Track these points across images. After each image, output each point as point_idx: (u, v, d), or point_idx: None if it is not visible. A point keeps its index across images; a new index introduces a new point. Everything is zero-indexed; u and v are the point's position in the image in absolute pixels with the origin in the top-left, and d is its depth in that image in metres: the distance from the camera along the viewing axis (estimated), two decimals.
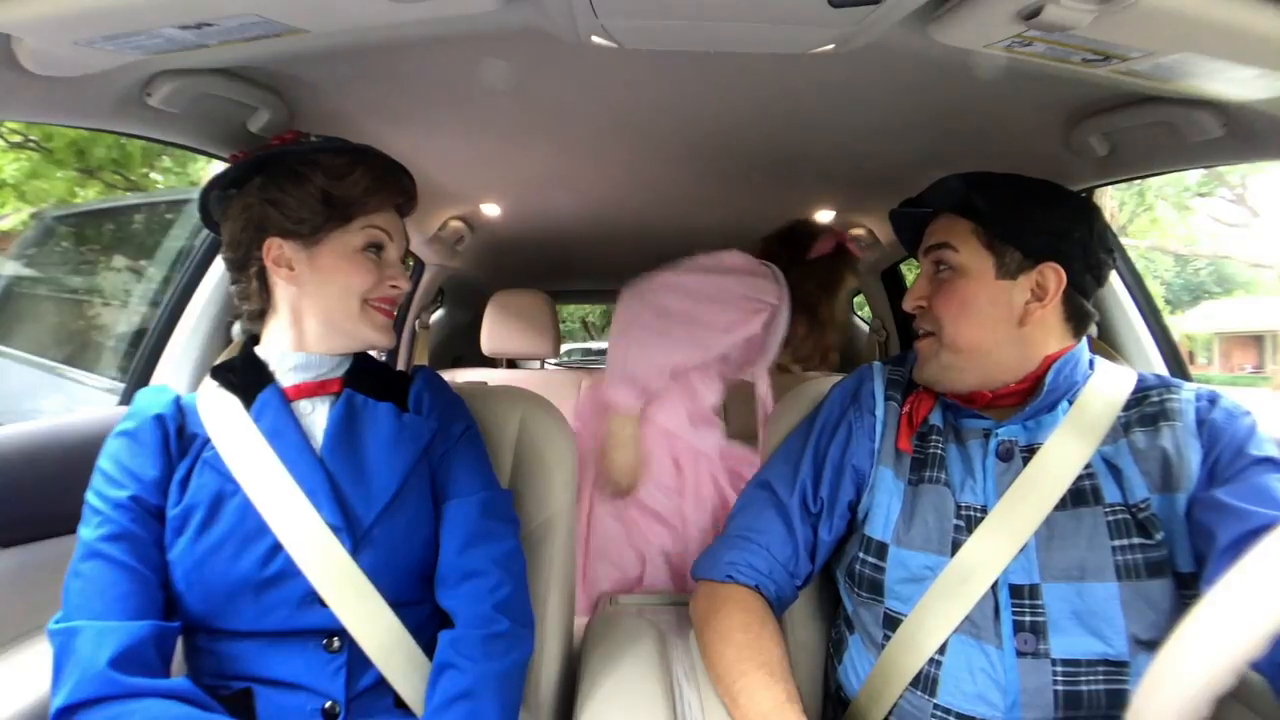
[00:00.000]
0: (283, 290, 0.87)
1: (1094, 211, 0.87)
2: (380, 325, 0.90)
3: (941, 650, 0.79)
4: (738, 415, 2.26)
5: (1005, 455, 0.84)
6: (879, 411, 0.93)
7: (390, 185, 0.90)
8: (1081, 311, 0.86)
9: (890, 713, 0.82)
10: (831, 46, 0.84)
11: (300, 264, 0.86)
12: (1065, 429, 0.82)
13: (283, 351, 0.87)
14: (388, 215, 0.90)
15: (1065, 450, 0.81)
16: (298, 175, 0.85)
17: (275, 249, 0.85)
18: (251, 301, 0.89)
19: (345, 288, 0.87)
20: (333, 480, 0.82)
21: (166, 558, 0.78)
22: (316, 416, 0.87)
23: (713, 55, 0.94)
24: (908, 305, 0.91)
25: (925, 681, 0.80)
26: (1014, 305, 0.83)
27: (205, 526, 0.78)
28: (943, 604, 0.80)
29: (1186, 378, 1.38)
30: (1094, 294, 0.86)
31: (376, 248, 0.89)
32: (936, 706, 0.78)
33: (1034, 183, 0.87)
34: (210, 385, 0.87)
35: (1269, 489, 0.71)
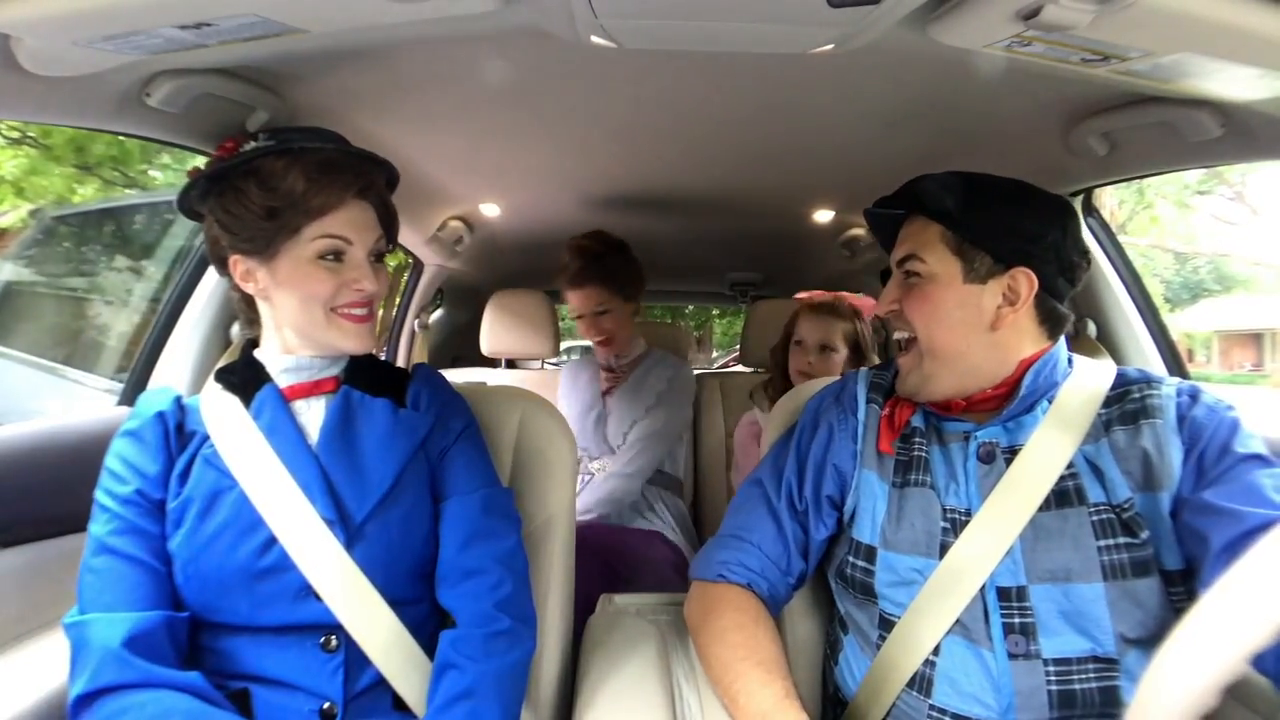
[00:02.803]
0: (259, 302, 0.88)
1: (1067, 213, 0.86)
2: (351, 332, 0.86)
3: (936, 651, 0.79)
4: (737, 415, 2.26)
5: (986, 458, 0.84)
6: (860, 414, 0.93)
7: (334, 180, 0.83)
8: (1055, 314, 0.85)
9: (888, 713, 0.82)
10: (831, 46, 0.84)
11: (263, 278, 0.85)
12: (1045, 428, 0.82)
13: (274, 355, 0.88)
14: (346, 212, 0.84)
15: (1046, 450, 0.81)
16: (237, 191, 0.82)
17: (239, 266, 0.85)
18: (242, 311, 0.91)
19: (306, 299, 0.84)
20: (326, 474, 0.83)
21: (168, 549, 0.79)
22: (313, 414, 0.88)
23: (712, 55, 0.94)
24: (880, 310, 0.90)
25: (920, 682, 0.80)
26: (984, 309, 0.83)
27: (202, 519, 0.79)
28: (934, 606, 0.80)
29: (1185, 377, 1.38)
30: (1068, 295, 0.85)
31: (334, 254, 0.84)
32: (932, 707, 0.78)
33: (1006, 183, 0.86)
34: (214, 387, 0.88)
35: (1258, 487, 0.71)
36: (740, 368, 2.71)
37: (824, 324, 1.64)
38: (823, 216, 2.02)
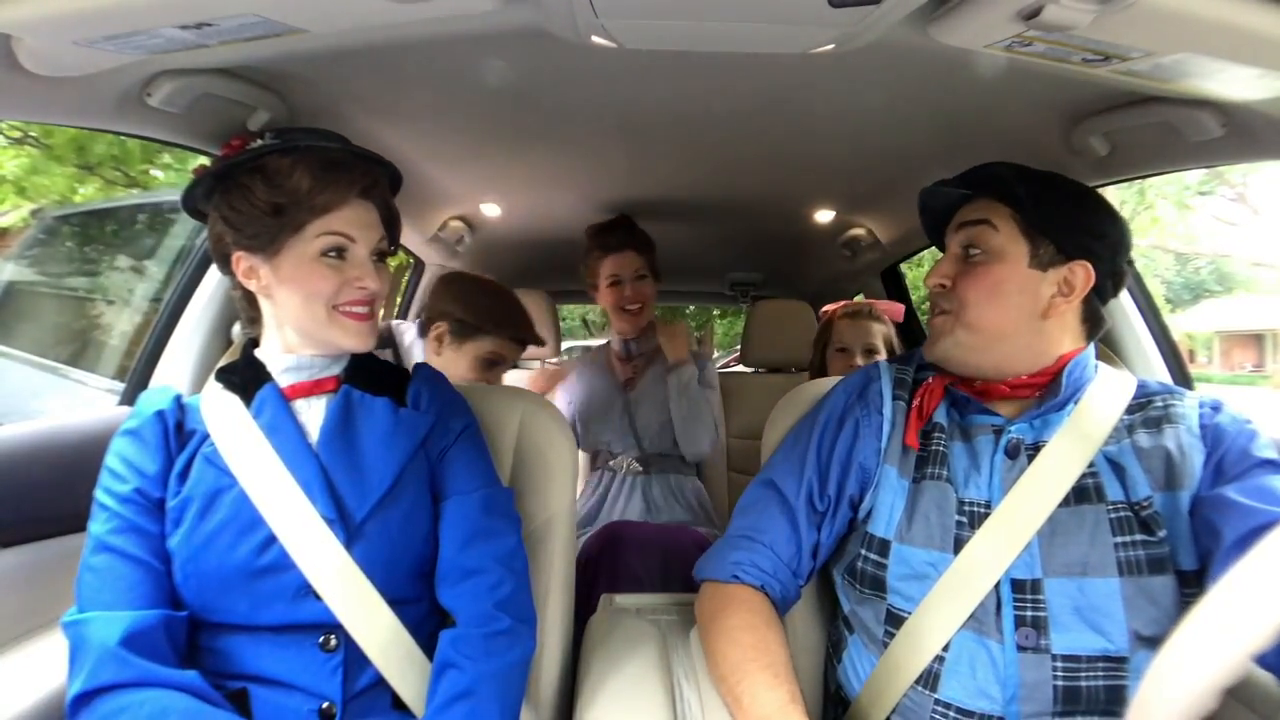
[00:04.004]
0: (261, 300, 0.88)
1: (1124, 222, 0.88)
2: (353, 330, 0.86)
3: (945, 647, 0.79)
4: (738, 415, 2.27)
5: (1012, 452, 0.85)
6: (887, 410, 0.93)
7: (338, 178, 0.84)
8: (1096, 315, 0.88)
9: (892, 711, 0.82)
10: (831, 46, 0.84)
11: (266, 275, 0.85)
12: (1069, 429, 0.83)
13: (275, 354, 0.88)
14: (349, 211, 0.85)
15: (1069, 450, 0.82)
16: (243, 188, 0.84)
17: (242, 263, 0.86)
18: (243, 310, 0.92)
19: (308, 296, 0.84)
20: (327, 473, 0.83)
21: (167, 548, 0.79)
22: (313, 413, 0.88)
23: (713, 55, 0.94)
24: (930, 282, 0.91)
25: (927, 677, 0.80)
26: (1040, 297, 0.84)
27: (202, 518, 0.79)
28: (947, 602, 0.80)
29: (1186, 376, 1.38)
30: (1109, 301, 0.88)
31: (337, 251, 0.85)
32: (937, 702, 0.79)
33: (1073, 182, 0.88)
34: (214, 386, 0.88)
35: (1273, 489, 0.72)
36: (741, 368, 2.70)
37: (865, 328, 1.69)
38: (823, 216, 2.02)
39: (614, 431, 1.78)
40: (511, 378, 2.37)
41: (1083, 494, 0.80)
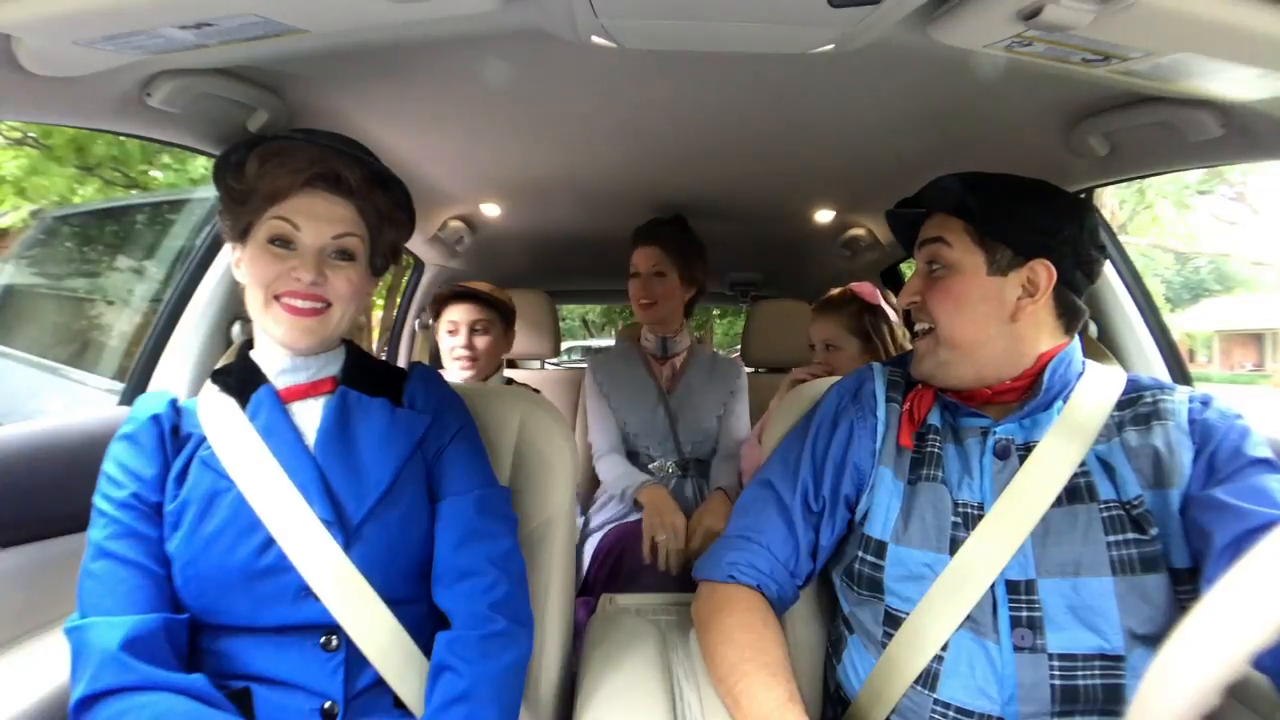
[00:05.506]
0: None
1: (1085, 209, 0.88)
2: (284, 322, 0.84)
3: (943, 647, 0.80)
4: None
5: (1002, 453, 0.85)
6: (880, 412, 0.93)
7: (282, 164, 0.83)
8: (1073, 308, 0.87)
9: (891, 711, 0.82)
10: (831, 46, 0.84)
11: (242, 265, 0.87)
12: (1059, 428, 0.83)
13: (269, 355, 0.88)
14: (299, 200, 0.84)
15: (1060, 449, 0.82)
16: (220, 181, 0.88)
17: (234, 253, 0.88)
18: (246, 306, 0.92)
19: (253, 284, 0.85)
20: (324, 476, 0.83)
21: (167, 551, 0.79)
22: (311, 415, 0.88)
23: (713, 55, 0.94)
24: (902, 301, 0.93)
25: (926, 677, 0.80)
26: (1006, 301, 0.85)
27: (201, 521, 0.79)
28: (944, 602, 0.80)
29: (1186, 376, 1.38)
30: (1085, 290, 0.88)
31: (282, 240, 0.84)
32: (936, 701, 0.79)
33: (1024, 181, 0.88)
34: (211, 389, 0.88)
35: (1265, 489, 0.72)
36: None
37: (824, 323, 1.65)
38: (823, 217, 2.02)
39: (654, 436, 1.76)
40: (516, 377, 2.37)
41: (1075, 494, 0.81)
